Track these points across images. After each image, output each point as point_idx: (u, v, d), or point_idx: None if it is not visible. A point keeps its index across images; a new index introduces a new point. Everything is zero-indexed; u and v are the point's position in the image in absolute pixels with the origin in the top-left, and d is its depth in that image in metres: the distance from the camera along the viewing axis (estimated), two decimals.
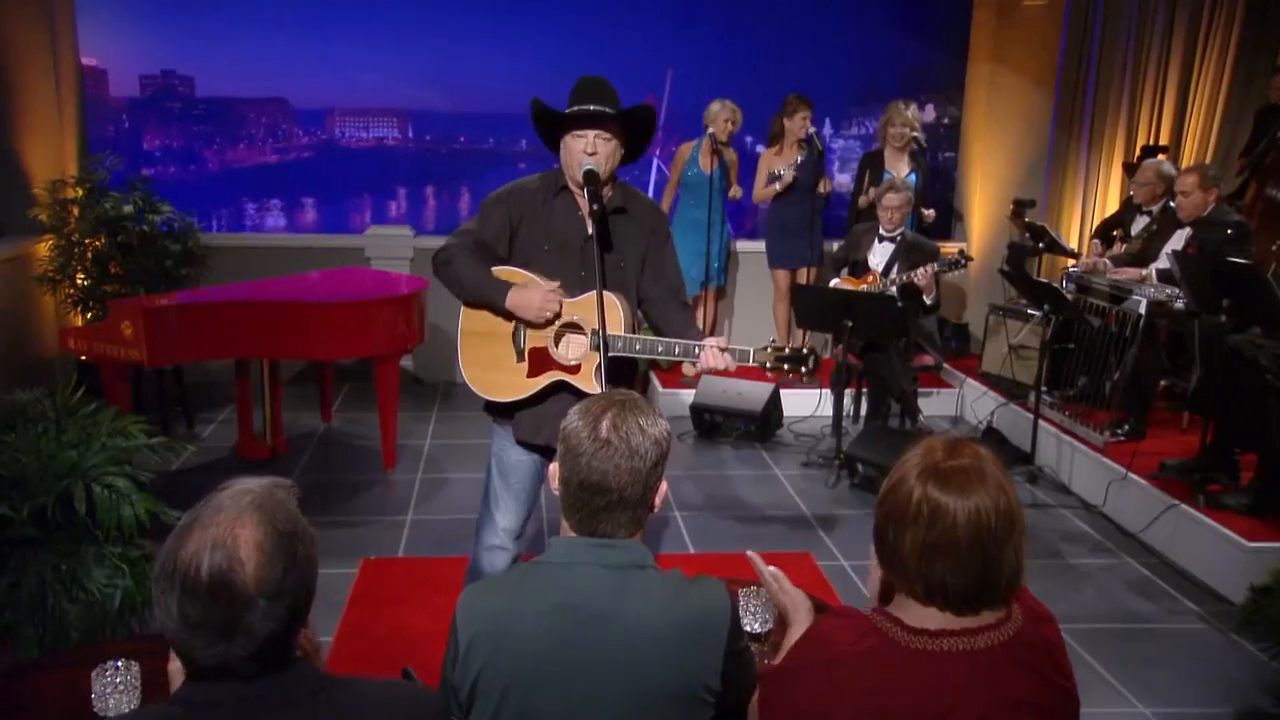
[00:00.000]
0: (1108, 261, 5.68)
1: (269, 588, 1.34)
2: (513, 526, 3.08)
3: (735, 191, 6.66)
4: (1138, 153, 6.52)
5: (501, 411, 3.01)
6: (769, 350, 2.81)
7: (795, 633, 1.94)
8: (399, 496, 4.96)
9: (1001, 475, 1.58)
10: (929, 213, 6.43)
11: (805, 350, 2.81)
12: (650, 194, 7.03)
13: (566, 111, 2.86)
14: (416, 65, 6.98)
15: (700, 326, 6.76)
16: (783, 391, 6.09)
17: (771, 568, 2.00)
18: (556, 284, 2.85)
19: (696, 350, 2.78)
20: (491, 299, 2.88)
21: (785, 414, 6.12)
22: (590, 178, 2.81)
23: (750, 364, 2.79)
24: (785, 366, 2.81)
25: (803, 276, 6.65)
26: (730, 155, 6.59)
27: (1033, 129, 7.29)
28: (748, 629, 2.26)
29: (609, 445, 1.73)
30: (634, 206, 2.97)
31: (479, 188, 7.19)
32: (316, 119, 7.04)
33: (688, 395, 6.13)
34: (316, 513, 4.71)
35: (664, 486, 1.82)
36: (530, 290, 2.84)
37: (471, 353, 2.97)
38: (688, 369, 2.87)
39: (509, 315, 2.89)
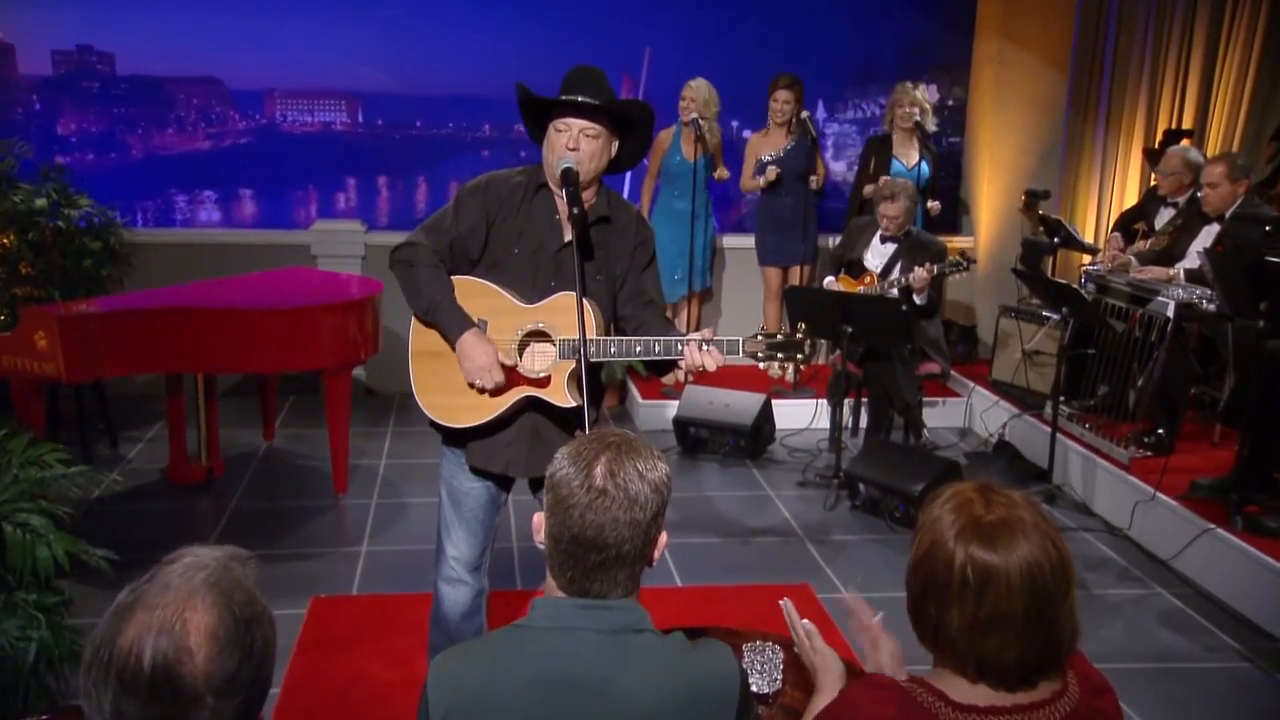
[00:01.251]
0: (1132, 259, 5.67)
1: (220, 683, 1.27)
2: (468, 557, 3.05)
3: (721, 172, 6.60)
4: (1159, 138, 6.53)
5: (451, 433, 2.98)
6: (759, 338, 2.77)
7: (822, 700, 1.88)
8: (352, 525, 4.92)
9: (1045, 521, 1.55)
10: (934, 205, 6.41)
11: (799, 334, 2.76)
12: (628, 187, 7.00)
13: (549, 98, 2.81)
14: (367, 41, 6.93)
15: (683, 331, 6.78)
16: (775, 403, 6.06)
17: (805, 622, 1.94)
18: (513, 362, 2.81)
19: (679, 347, 2.74)
20: (445, 328, 2.85)
21: (778, 427, 6.11)
22: (569, 177, 2.77)
23: (740, 355, 2.75)
24: (779, 355, 2.76)
25: (796, 276, 6.65)
26: (714, 137, 6.56)
27: (1045, 112, 7.30)
28: (754, 688, 2.19)
29: (605, 495, 1.67)
30: (619, 217, 2.94)
31: (437, 177, 7.16)
32: (254, 101, 6.98)
33: (670, 407, 6.10)
34: (258, 544, 4.61)
35: (664, 538, 1.77)
36: (481, 350, 2.81)
37: (426, 376, 2.93)
38: (669, 381, 2.82)
39: None
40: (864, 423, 6.08)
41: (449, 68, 7.00)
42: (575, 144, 2.77)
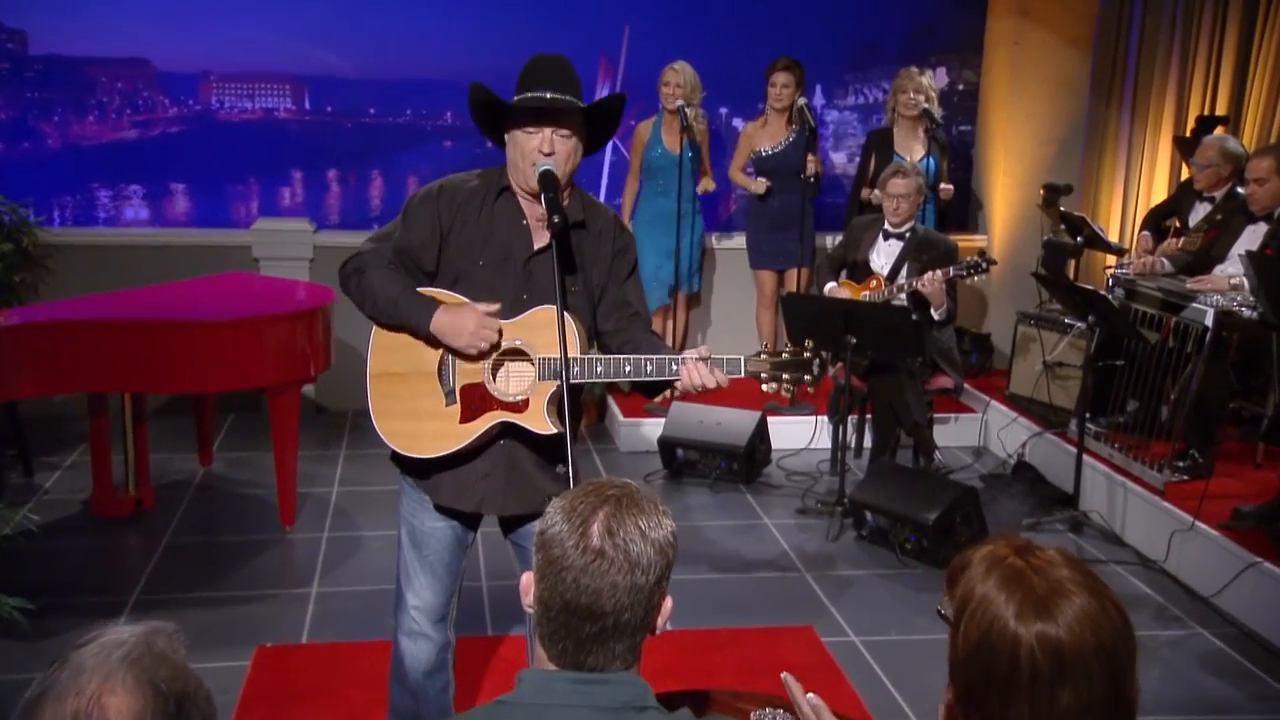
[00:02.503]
0: (1164, 260, 5.66)
1: None
2: (432, 607, 3.02)
3: (706, 183, 6.59)
4: (1190, 125, 6.54)
5: (413, 465, 2.93)
6: (763, 358, 2.76)
7: None
8: (301, 563, 4.88)
9: (1092, 575, 1.53)
10: (947, 188, 6.39)
11: (807, 353, 2.75)
12: (606, 184, 6.95)
13: (516, 100, 2.78)
14: (316, 18, 6.88)
15: (671, 344, 6.77)
16: (771, 420, 6.02)
17: (811, 696, 1.89)
18: (496, 305, 2.78)
19: (674, 366, 2.73)
20: (412, 320, 2.80)
21: (774, 448, 6.10)
22: (548, 181, 2.73)
23: (741, 376, 2.74)
24: (785, 376, 2.74)
25: (792, 280, 6.63)
26: (700, 127, 6.53)
27: (1066, 97, 7.31)
28: None
29: (602, 557, 1.65)
30: (595, 221, 2.93)
31: (394, 170, 7.11)
32: (188, 85, 6.92)
33: (655, 426, 6.07)
34: (194, 585, 4.61)
35: (668, 604, 1.74)
36: (463, 312, 2.77)
37: (386, 401, 2.89)
38: (655, 399, 2.79)
39: (434, 343, 2.82)
40: (869, 442, 6.07)
41: (407, 48, 6.95)
42: (550, 147, 2.75)
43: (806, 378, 2.74)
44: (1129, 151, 7.01)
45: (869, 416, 6.02)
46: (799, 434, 6.25)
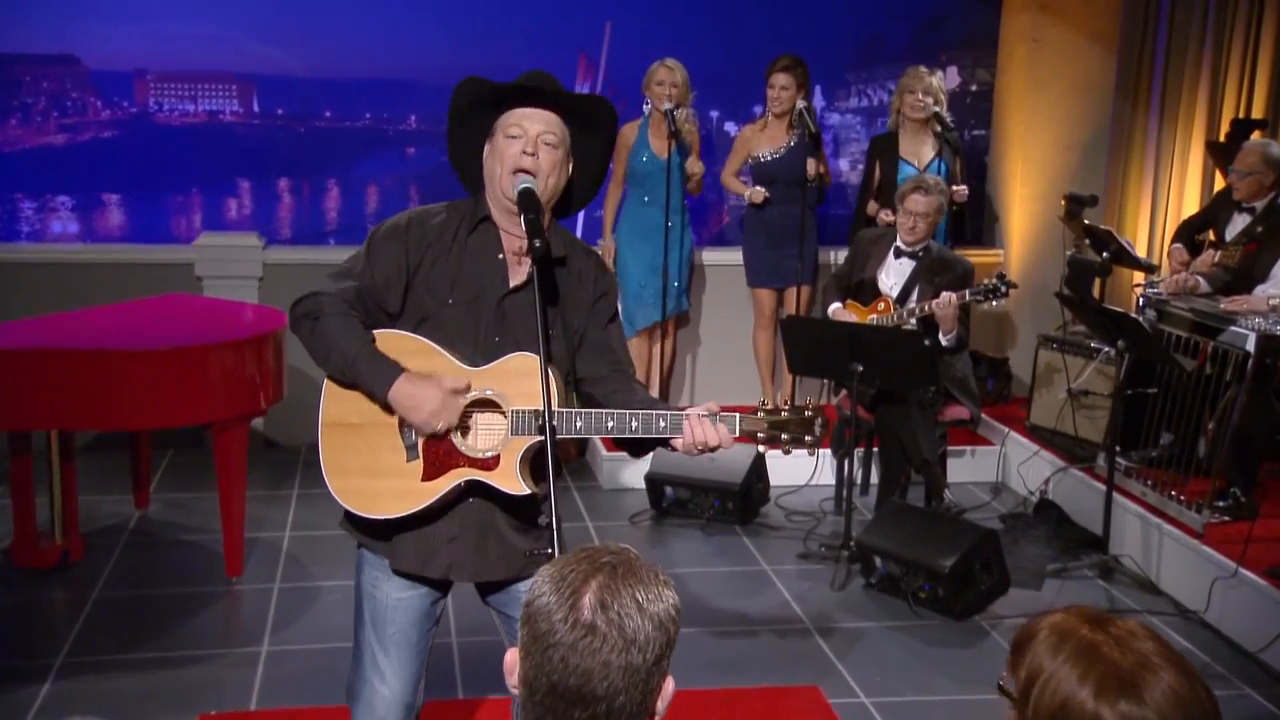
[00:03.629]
0: (1199, 278, 5.66)
1: None
2: (398, 694, 2.94)
3: (694, 165, 6.52)
4: (1225, 129, 6.56)
5: (370, 528, 2.89)
6: (760, 416, 2.79)
7: None
8: (249, 618, 4.84)
9: (1175, 652, 1.56)
10: (960, 189, 6.40)
11: (808, 411, 2.80)
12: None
13: (504, 84, 2.77)
14: (265, 12, 6.88)
15: (662, 368, 6.74)
16: (769, 455, 5.98)
17: None
18: (464, 382, 2.75)
19: (662, 423, 2.74)
20: (369, 384, 2.76)
21: (772, 485, 6.10)
22: (528, 202, 2.71)
23: (737, 435, 2.78)
24: (785, 437, 2.79)
25: (793, 299, 6.63)
26: (690, 127, 6.55)
27: (1089, 99, 7.33)
28: None
29: (594, 633, 1.63)
30: (576, 260, 2.92)
31: (352, 180, 7.10)
32: (122, 85, 6.88)
33: (640, 462, 6.00)
34: (129, 645, 4.56)
35: (669, 685, 1.73)
36: (426, 387, 2.73)
37: (340, 455, 2.84)
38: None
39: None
40: (876, 479, 6.07)
41: (367, 45, 6.93)
42: (533, 149, 2.74)
43: (808, 438, 2.77)
44: (1158, 158, 7.03)
45: (876, 450, 6.00)
46: (799, 470, 6.20)
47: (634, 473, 6.13)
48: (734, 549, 5.60)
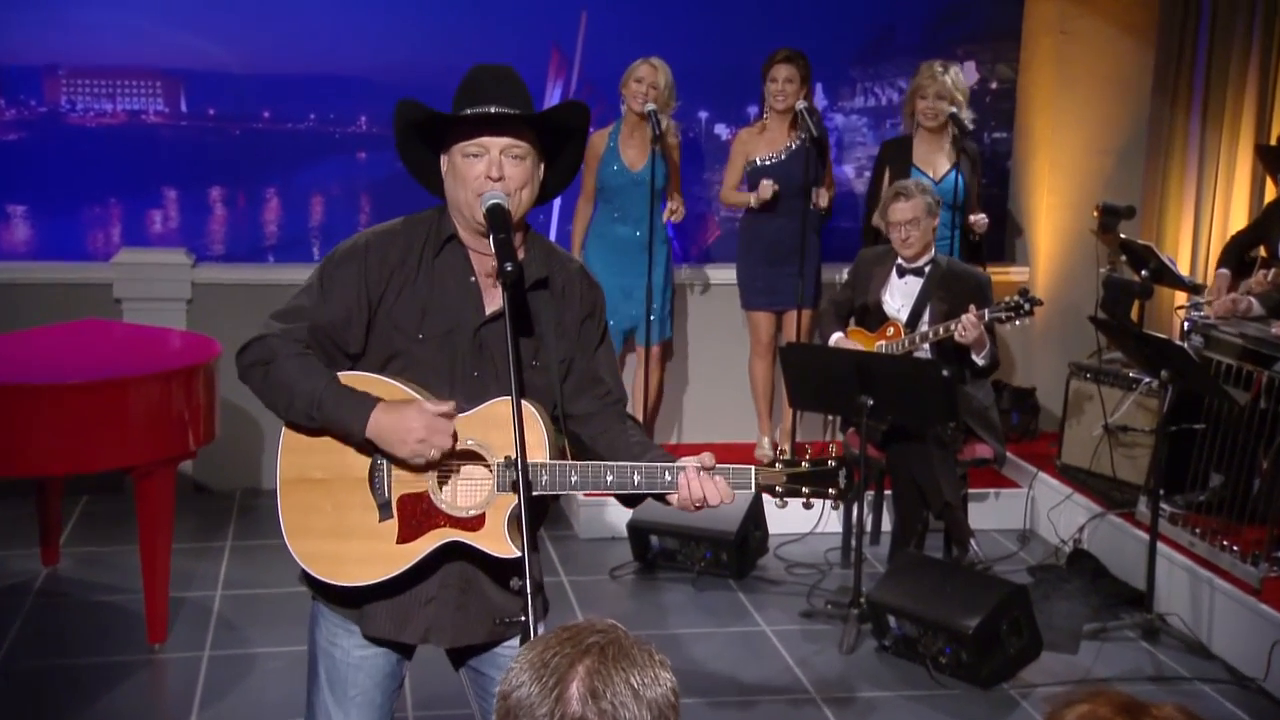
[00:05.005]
0: (1253, 300, 5.68)
1: None
2: None
3: (674, 209, 6.60)
4: (1277, 131, 6.58)
5: (337, 592, 2.89)
6: (778, 468, 2.79)
7: None
8: (175, 691, 4.82)
9: None
10: (979, 219, 6.43)
11: (832, 460, 2.79)
12: (559, 207, 6.91)
13: (450, 115, 2.79)
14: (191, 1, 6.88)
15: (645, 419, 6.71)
16: (767, 499, 5.92)
17: None
18: (449, 404, 2.74)
19: (667, 476, 2.74)
20: (342, 422, 2.76)
21: (771, 533, 6.10)
22: (497, 218, 2.71)
23: (751, 491, 2.79)
24: (806, 490, 2.79)
25: (791, 323, 6.63)
26: (673, 141, 6.56)
27: (1123, 98, 7.36)
28: None
29: None
30: (559, 275, 2.94)
31: (294, 189, 7.07)
32: (29, 81, 6.87)
33: (625, 511, 5.96)
34: None
35: None
36: (407, 412, 2.72)
37: (303, 515, 2.84)
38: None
39: (368, 447, 2.79)
40: (888, 526, 6.06)
41: (310, 36, 6.94)
42: (498, 171, 2.75)
43: (831, 491, 2.78)
44: (1201, 164, 7.04)
45: (888, 494, 5.98)
46: (802, 517, 6.12)
47: (615, 520, 6.12)
48: (729, 606, 5.60)
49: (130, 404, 4.78)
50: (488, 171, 2.73)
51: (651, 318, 6.55)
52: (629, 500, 2.90)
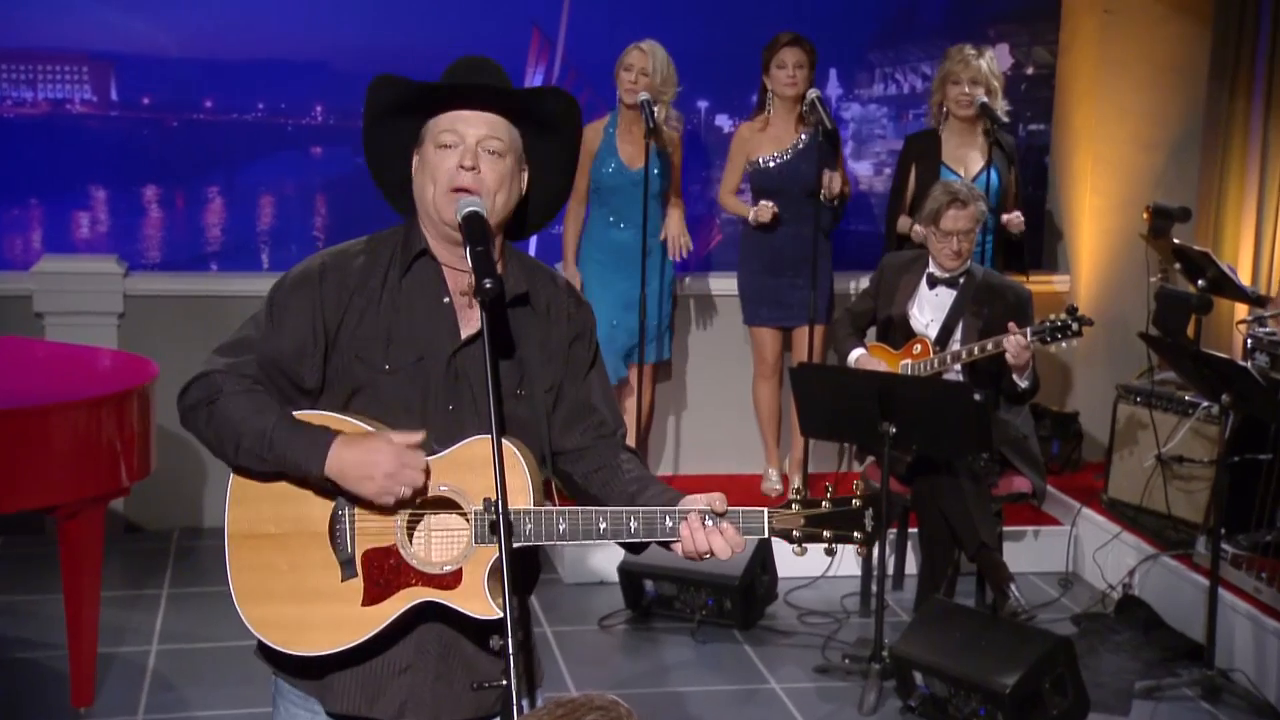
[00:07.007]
0: None
1: None
2: None
3: (674, 219, 6.59)
4: None
5: (296, 662, 2.86)
6: (795, 509, 2.77)
7: None
8: None
9: None
10: (1012, 217, 6.46)
11: (856, 499, 2.80)
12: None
13: (428, 83, 2.79)
14: None
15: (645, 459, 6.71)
16: (776, 542, 5.93)
17: None
18: (419, 434, 2.72)
19: (669, 522, 2.73)
20: (297, 460, 2.73)
21: (780, 577, 6.12)
22: (474, 229, 2.69)
23: (765, 536, 2.78)
24: (827, 534, 2.78)
25: (802, 341, 6.62)
26: (671, 134, 6.58)
27: (1176, 86, 7.39)
28: None
29: None
30: (542, 293, 2.94)
31: (239, 188, 7.09)
32: None
33: (615, 551, 5.93)
34: None
35: None
36: (372, 445, 2.70)
37: (255, 575, 2.81)
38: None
39: (324, 489, 2.78)
40: (912, 568, 6.06)
41: (259, 16, 6.94)
42: (473, 162, 2.75)
43: (857, 535, 2.78)
44: (1264, 159, 7.04)
45: (913, 533, 5.99)
46: (814, 558, 6.09)
47: (605, 563, 6.13)
48: (733, 660, 5.61)
49: (53, 434, 4.75)
50: (461, 161, 2.73)
51: (650, 326, 6.56)
52: (630, 547, 2.89)
